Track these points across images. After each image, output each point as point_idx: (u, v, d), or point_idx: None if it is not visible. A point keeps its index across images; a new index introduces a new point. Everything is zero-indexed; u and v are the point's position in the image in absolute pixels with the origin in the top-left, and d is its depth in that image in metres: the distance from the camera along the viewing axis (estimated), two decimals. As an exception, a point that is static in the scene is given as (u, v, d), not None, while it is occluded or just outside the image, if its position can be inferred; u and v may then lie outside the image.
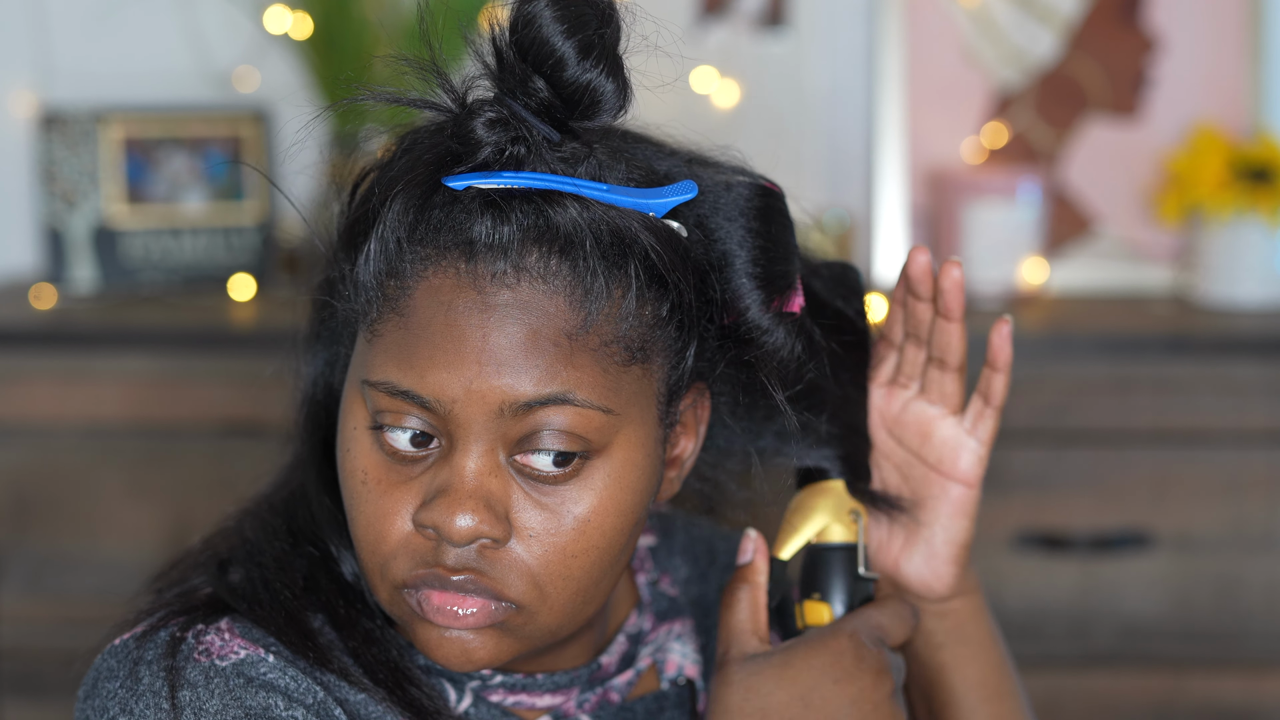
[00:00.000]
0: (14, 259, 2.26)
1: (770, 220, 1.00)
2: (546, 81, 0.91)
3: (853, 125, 2.24)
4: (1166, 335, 1.95)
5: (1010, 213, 2.10)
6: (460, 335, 0.91)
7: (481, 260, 0.91)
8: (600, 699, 1.05)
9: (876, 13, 2.21)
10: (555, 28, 0.90)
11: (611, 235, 0.92)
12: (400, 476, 0.94)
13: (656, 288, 0.94)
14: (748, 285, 0.98)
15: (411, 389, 0.91)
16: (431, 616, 0.94)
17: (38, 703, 1.93)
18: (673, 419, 0.99)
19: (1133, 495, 1.91)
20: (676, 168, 0.99)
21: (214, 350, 1.93)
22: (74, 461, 1.92)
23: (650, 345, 0.94)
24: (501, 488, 0.93)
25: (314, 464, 1.06)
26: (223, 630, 0.97)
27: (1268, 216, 2.08)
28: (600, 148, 0.95)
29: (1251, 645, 1.93)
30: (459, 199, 0.91)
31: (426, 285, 0.92)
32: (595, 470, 0.94)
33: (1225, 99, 2.20)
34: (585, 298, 0.91)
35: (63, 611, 1.92)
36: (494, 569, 0.93)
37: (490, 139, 0.92)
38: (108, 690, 0.95)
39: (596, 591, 0.96)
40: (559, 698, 1.03)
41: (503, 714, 1.02)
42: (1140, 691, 1.93)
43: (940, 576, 1.09)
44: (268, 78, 2.21)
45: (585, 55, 0.91)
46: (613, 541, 0.95)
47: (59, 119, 2.12)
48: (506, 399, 0.91)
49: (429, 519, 0.92)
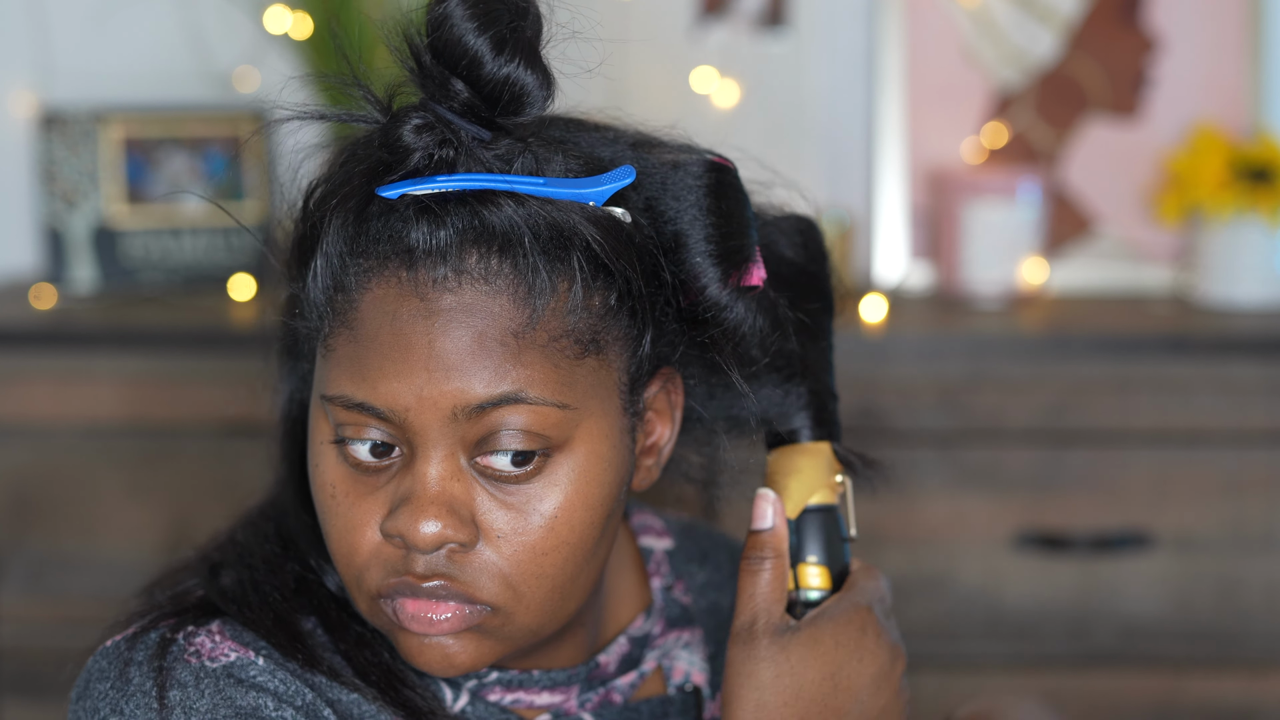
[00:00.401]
0: (14, 259, 2.26)
1: (721, 195, 0.99)
2: (465, 81, 0.91)
3: (853, 125, 2.24)
4: (1166, 335, 1.95)
5: (1010, 213, 2.10)
6: (407, 343, 0.91)
7: (421, 266, 0.91)
8: (603, 699, 1.05)
9: (876, 13, 2.21)
10: (467, 26, 0.90)
11: (550, 229, 0.91)
12: (366, 488, 0.94)
13: (603, 277, 0.93)
14: (702, 264, 0.98)
15: (365, 400, 0.92)
16: (408, 625, 0.94)
17: (38, 703, 1.93)
18: (638, 407, 0.98)
19: (1133, 495, 1.91)
20: (620, 153, 0.99)
21: (214, 350, 1.93)
22: (74, 461, 1.92)
23: (603, 336, 0.94)
24: (464, 491, 0.92)
25: (293, 480, 1.06)
26: (214, 633, 0.97)
27: (1268, 216, 2.08)
28: (536, 141, 0.94)
29: (1251, 645, 1.93)
30: (395, 208, 0.91)
31: (371, 296, 0.92)
32: (558, 466, 0.93)
33: (1225, 99, 2.20)
34: (529, 295, 0.91)
35: (63, 611, 1.92)
36: (464, 573, 0.93)
37: (419, 144, 0.91)
38: (99, 691, 0.95)
39: (575, 588, 0.96)
40: (558, 696, 1.03)
41: (501, 712, 1.02)
42: (1140, 691, 1.93)
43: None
44: (268, 78, 2.21)
45: (499, 51, 0.90)
46: (584, 536, 0.94)
47: (59, 119, 2.12)
48: (458, 403, 0.91)
49: (394, 528, 0.92)
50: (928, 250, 2.20)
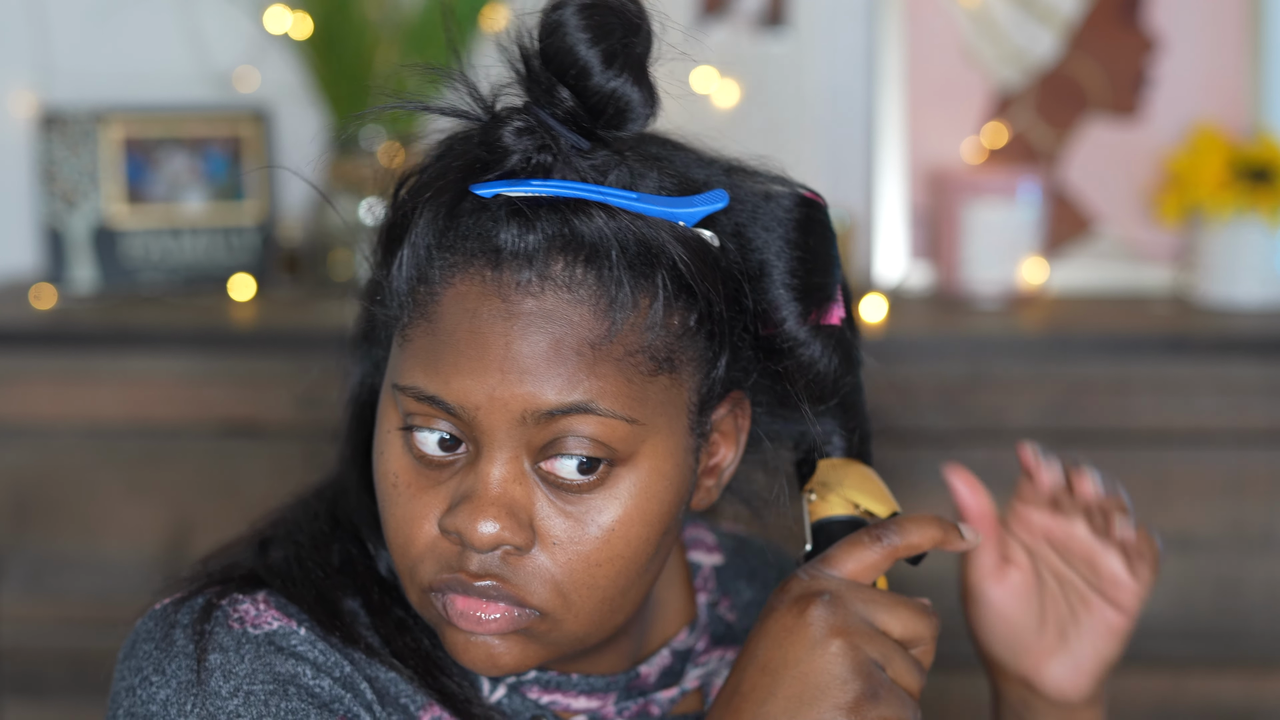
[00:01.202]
0: (14, 259, 2.26)
1: (809, 231, 1.00)
2: (571, 90, 0.91)
3: (853, 125, 2.24)
4: (1166, 335, 1.95)
5: (1010, 213, 2.10)
6: (484, 342, 0.91)
7: (507, 268, 0.91)
8: (640, 709, 1.05)
9: (876, 13, 2.21)
10: (580, 36, 0.90)
11: (638, 244, 0.91)
12: (429, 480, 0.94)
13: (685, 297, 0.93)
14: (785, 296, 0.98)
15: (437, 394, 0.92)
16: (456, 621, 0.94)
17: (38, 703, 1.93)
18: (705, 428, 0.98)
19: (1133, 495, 1.91)
20: (713, 177, 0.99)
21: (214, 350, 1.93)
22: (74, 461, 1.92)
23: (678, 355, 0.94)
24: (525, 495, 0.93)
25: (356, 463, 1.07)
26: (259, 601, 0.98)
27: (1268, 216, 2.08)
28: (633, 155, 0.94)
29: (1251, 645, 1.93)
30: (487, 206, 0.92)
31: (453, 292, 0.92)
32: (620, 479, 0.93)
33: (1225, 99, 2.20)
34: (610, 307, 0.91)
35: (63, 611, 1.92)
36: (517, 575, 0.93)
37: (518, 147, 0.92)
38: (143, 651, 0.97)
39: (624, 600, 0.96)
40: (595, 702, 1.04)
41: (537, 705, 1.02)
42: (1140, 691, 1.93)
43: (1079, 687, 1.11)
44: (268, 78, 2.21)
45: (609, 64, 0.91)
46: (639, 551, 0.94)
47: (59, 119, 2.12)
48: (529, 407, 0.91)
49: (453, 524, 0.92)
50: (928, 250, 2.20)
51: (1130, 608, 1.10)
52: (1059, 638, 1.11)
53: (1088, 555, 1.10)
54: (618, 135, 0.93)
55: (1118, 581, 1.10)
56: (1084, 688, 1.11)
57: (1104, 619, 1.10)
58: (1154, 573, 1.10)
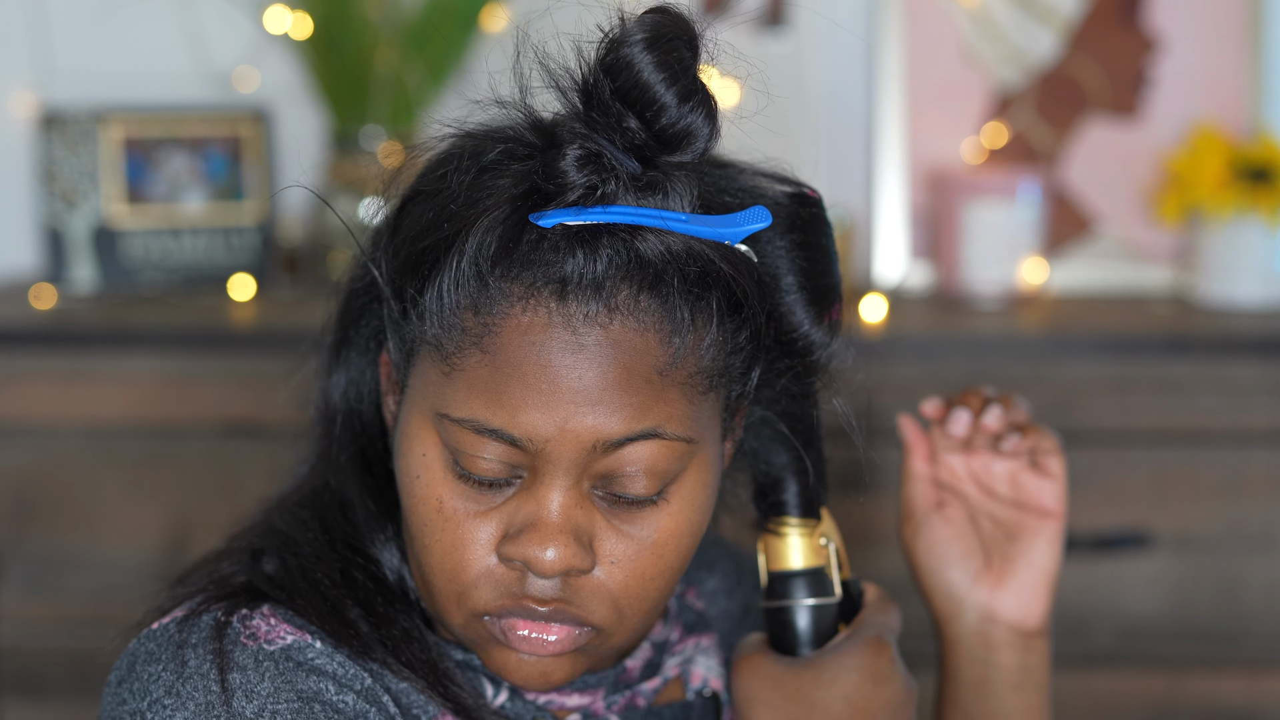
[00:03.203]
0: (14, 259, 2.26)
1: (812, 232, 1.00)
2: (642, 123, 0.91)
3: (853, 125, 2.24)
4: (1166, 335, 1.95)
5: (1010, 213, 2.10)
6: (554, 376, 0.90)
7: (573, 299, 0.90)
8: (628, 702, 1.06)
9: (876, 13, 2.21)
10: (656, 76, 0.90)
11: (696, 266, 0.91)
12: (480, 505, 0.94)
13: (735, 316, 0.94)
14: (799, 302, 0.99)
15: (501, 428, 0.91)
16: (518, 645, 0.95)
17: (38, 703, 1.93)
18: (729, 433, 0.99)
19: (1133, 495, 1.91)
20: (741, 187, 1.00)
21: (214, 350, 1.93)
22: (74, 461, 1.92)
23: (727, 372, 0.95)
24: (587, 519, 0.93)
25: (354, 471, 1.05)
26: (267, 615, 0.97)
27: (1268, 216, 2.08)
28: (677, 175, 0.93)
29: (1251, 645, 1.93)
30: (545, 235, 0.90)
31: (515, 323, 0.91)
32: (674, 494, 0.94)
33: (1225, 99, 2.20)
34: (674, 333, 0.91)
35: (63, 611, 1.92)
36: (578, 597, 0.94)
37: (580, 180, 0.90)
38: (150, 674, 0.94)
39: (662, 607, 0.98)
40: (587, 698, 1.04)
41: (537, 709, 1.03)
42: (1140, 691, 1.93)
43: (1035, 605, 1.15)
44: (268, 78, 2.21)
45: (685, 101, 0.91)
46: (684, 560, 0.96)
47: (59, 119, 2.12)
48: (600, 438, 0.91)
49: (518, 553, 0.92)
50: (928, 250, 2.20)
51: (1057, 506, 1.15)
52: (1004, 562, 1.15)
53: (1006, 478, 1.16)
54: (674, 161, 0.92)
55: (1038, 487, 1.15)
56: (1039, 610, 1.15)
57: (1039, 528, 1.15)
58: (1062, 462, 1.16)
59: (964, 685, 1.16)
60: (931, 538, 1.16)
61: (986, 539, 1.16)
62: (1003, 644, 1.15)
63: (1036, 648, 1.16)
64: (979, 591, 1.15)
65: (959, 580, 1.15)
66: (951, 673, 1.17)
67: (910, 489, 1.17)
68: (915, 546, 1.17)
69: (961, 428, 1.15)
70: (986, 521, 1.16)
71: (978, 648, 1.15)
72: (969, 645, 1.16)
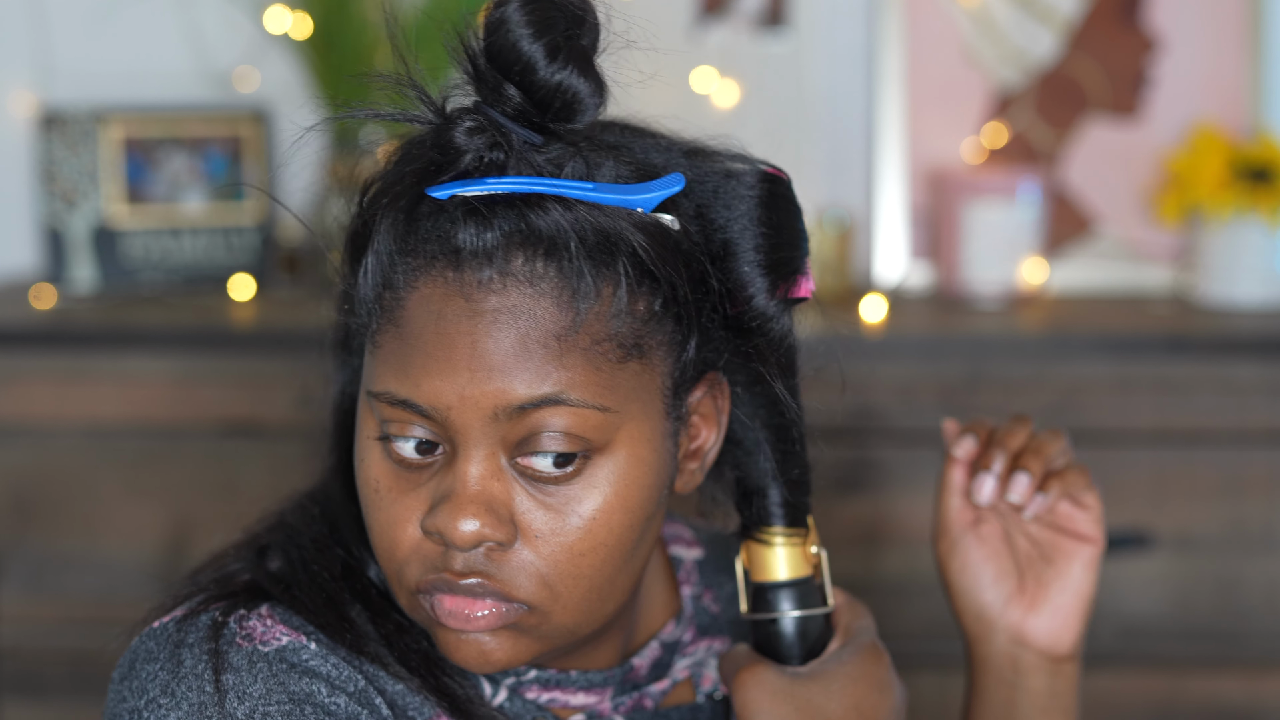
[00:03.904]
0: (14, 259, 2.26)
1: (772, 206, 1.00)
2: (518, 86, 0.92)
3: (853, 125, 2.24)
4: (1166, 335, 1.95)
5: (1010, 213, 2.10)
6: (451, 343, 0.92)
7: (468, 267, 0.91)
8: (635, 703, 1.06)
9: (876, 13, 2.21)
10: (522, 32, 0.91)
11: (597, 234, 0.92)
12: (409, 484, 0.95)
13: (648, 283, 0.94)
14: (751, 273, 0.99)
15: (409, 398, 0.93)
16: (445, 621, 0.95)
17: (38, 703, 1.93)
18: (681, 412, 0.99)
19: (1133, 495, 1.91)
20: (673, 160, 0.99)
21: (214, 350, 1.93)
22: (74, 461, 1.92)
23: (646, 340, 0.95)
24: (504, 490, 0.93)
25: (340, 471, 1.07)
26: (264, 616, 0.98)
27: (1268, 216, 2.08)
28: (588, 146, 0.94)
29: (1251, 645, 1.93)
30: (444, 208, 0.92)
31: (418, 295, 0.93)
32: (599, 468, 0.94)
33: (1225, 99, 2.20)
34: (573, 298, 0.91)
35: (63, 611, 1.92)
36: (502, 571, 0.94)
37: (470, 146, 0.92)
38: (147, 672, 0.95)
39: (612, 589, 0.97)
40: (593, 697, 1.04)
41: (538, 709, 1.03)
42: (1140, 691, 1.93)
43: (1067, 631, 1.14)
44: (268, 78, 2.21)
45: (553, 58, 0.91)
46: (622, 538, 0.95)
47: (59, 119, 2.12)
48: (500, 403, 0.91)
49: (434, 525, 0.93)
50: (928, 250, 2.20)
51: (1095, 534, 1.14)
52: (1039, 586, 1.14)
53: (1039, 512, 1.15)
54: (570, 128, 0.93)
55: (1073, 516, 1.14)
56: (1071, 636, 1.14)
57: (1075, 552, 1.14)
58: (1096, 495, 1.15)
59: (991, 705, 1.16)
60: (966, 558, 1.15)
61: (1022, 559, 1.15)
62: (1032, 668, 1.14)
63: (1066, 672, 1.15)
64: (1011, 614, 1.14)
65: (991, 602, 1.15)
66: (979, 691, 1.17)
67: (947, 502, 1.16)
68: (949, 565, 1.16)
69: (985, 496, 1.13)
70: (1023, 540, 1.15)
71: (1006, 670, 1.15)
72: (998, 667, 1.15)
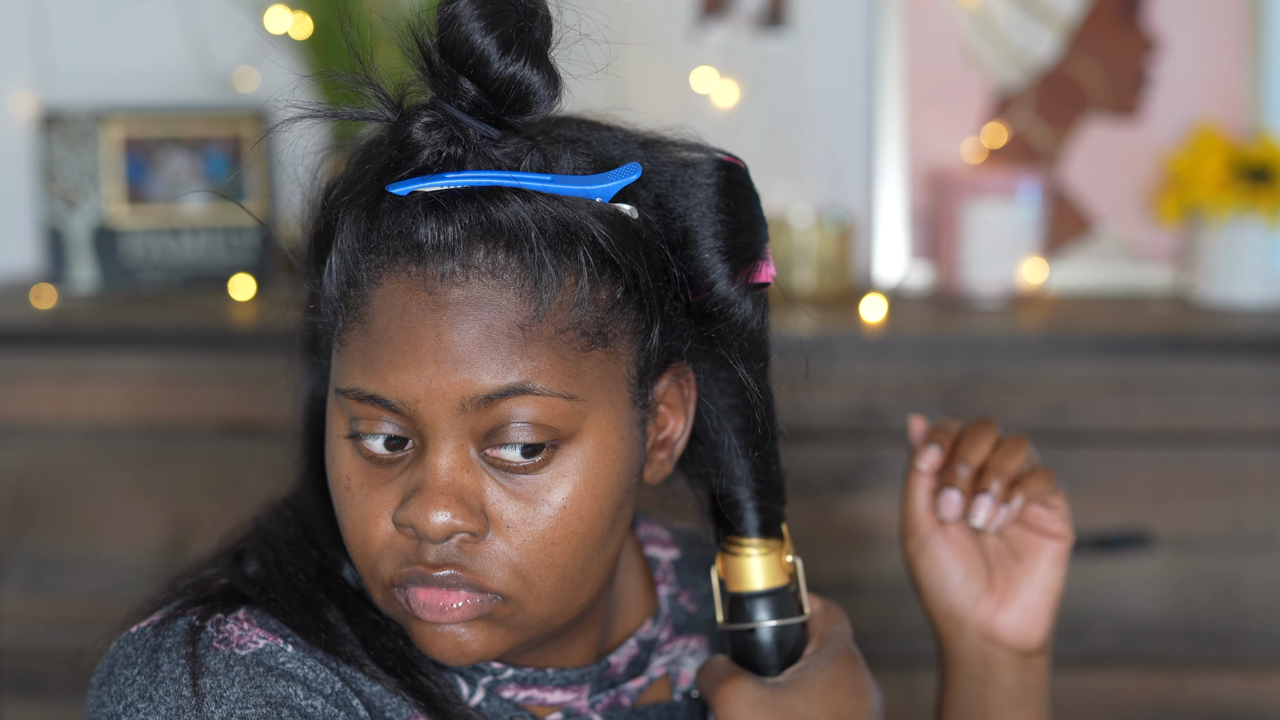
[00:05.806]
0: (14, 259, 2.26)
1: (730, 193, 1.01)
2: (472, 80, 0.93)
3: (853, 125, 2.24)
4: (1166, 335, 1.95)
5: (1010, 213, 2.10)
6: (415, 336, 0.93)
7: (430, 262, 0.92)
8: (612, 701, 1.06)
9: (876, 13, 2.21)
10: (474, 25, 0.92)
11: (556, 225, 0.93)
12: (380, 480, 0.96)
13: (610, 272, 0.95)
14: (711, 260, 0.99)
15: (376, 393, 0.93)
16: (420, 613, 0.95)
17: (38, 703, 1.93)
18: (648, 400, 0.99)
19: (1133, 495, 1.91)
20: (629, 152, 1.00)
21: (214, 350, 1.93)
22: (74, 461, 1.92)
23: (610, 329, 0.95)
24: (474, 482, 0.94)
25: (312, 474, 1.08)
26: (241, 620, 0.98)
27: (1268, 216, 2.08)
28: (545, 139, 0.96)
29: (1251, 645, 1.93)
30: (404, 204, 0.93)
31: (382, 291, 0.94)
32: (567, 457, 0.95)
33: (1225, 99, 2.20)
34: (535, 288, 0.92)
35: (63, 611, 1.92)
36: (475, 562, 0.94)
37: (427, 142, 0.93)
38: (125, 677, 0.96)
39: (585, 578, 0.97)
40: (570, 694, 1.05)
41: (515, 708, 1.03)
42: (1140, 691, 1.93)
43: (1036, 626, 1.15)
44: (268, 78, 2.21)
45: (506, 50, 0.92)
46: (593, 526, 0.96)
47: (59, 119, 2.12)
48: (466, 394, 0.92)
49: (405, 518, 0.94)
50: (928, 250, 2.20)
51: (1063, 530, 1.15)
52: (1007, 583, 1.15)
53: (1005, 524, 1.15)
54: (525, 121, 0.94)
55: (1040, 515, 1.15)
56: (1040, 631, 1.15)
57: (1043, 547, 1.15)
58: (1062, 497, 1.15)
59: (963, 700, 1.17)
60: (935, 557, 1.16)
61: (991, 557, 1.16)
62: (1002, 664, 1.15)
63: (1036, 666, 1.16)
64: (980, 612, 1.15)
65: (961, 601, 1.15)
66: (951, 686, 1.17)
67: (914, 501, 1.16)
68: (918, 564, 1.16)
69: (951, 515, 1.14)
70: (992, 538, 1.16)
71: (977, 666, 1.16)
72: (969, 663, 1.16)
